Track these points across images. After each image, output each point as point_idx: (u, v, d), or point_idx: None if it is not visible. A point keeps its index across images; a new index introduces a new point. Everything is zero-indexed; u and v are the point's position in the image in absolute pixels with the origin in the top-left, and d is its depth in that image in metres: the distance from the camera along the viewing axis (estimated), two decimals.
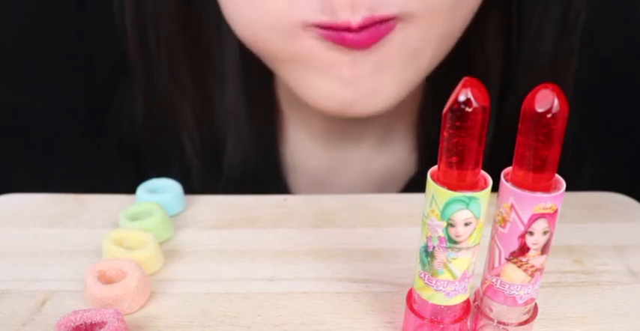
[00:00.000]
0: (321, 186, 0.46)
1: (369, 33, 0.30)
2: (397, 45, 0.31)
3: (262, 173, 0.45)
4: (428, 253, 0.22)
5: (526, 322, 0.24)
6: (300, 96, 0.35)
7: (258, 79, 0.42)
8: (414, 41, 0.32)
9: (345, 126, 0.43)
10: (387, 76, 0.33)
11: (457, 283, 0.22)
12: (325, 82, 0.33)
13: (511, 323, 0.23)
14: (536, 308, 0.24)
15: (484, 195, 0.21)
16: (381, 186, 0.46)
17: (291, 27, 0.31)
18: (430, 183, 0.21)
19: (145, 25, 0.39)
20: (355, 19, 0.29)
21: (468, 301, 0.24)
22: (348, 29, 0.30)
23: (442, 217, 0.21)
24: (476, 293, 0.25)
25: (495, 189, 0.21)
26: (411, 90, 0.35)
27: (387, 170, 0.46)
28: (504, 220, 0.21)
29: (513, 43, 0.39)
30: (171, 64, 0.41)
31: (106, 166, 0.48)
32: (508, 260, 0.22)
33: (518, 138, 0.20)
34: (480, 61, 0.40)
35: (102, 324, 0.25)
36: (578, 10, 0.37)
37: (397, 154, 0.46)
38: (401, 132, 0.45)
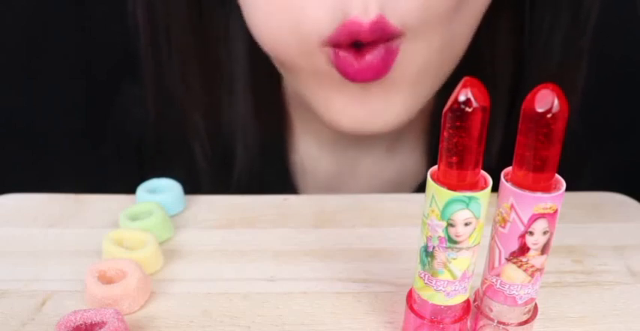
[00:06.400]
0: (331, 192, 0.46)
1: (375, 61, 0.30)
2: (404, 66, 0.31)
3: (271, 179, 0.45)
4: (428, 253, 0.22)
5: (526, 322, 0.24)
6: (315, 112, 0.36)
7: (266, 87, 0.42)
8: (418, 57, 0.32)
9: None
10: (395, 98, 0.33)
11: (457, 283, 0.22)
12: (338, 98, 0.33)
13: (511, 323, 0.23)
14: (536, 308, 0.24)
15: (484, 195, 0.21)
16: (391, 192, 0.46)
17: (310, 43, 0.31)
18: (430, 183, 0.21)
19: (157, 31, 0.39)
20: (368, 17, 0.29)
21: (468, 301, 0.24)
22: (358, 32, 0.29)
23: (442, 217, 0.21)
24: (476, 293, 0.25)
25: (495, 189, 0.21)
26: (422, 107, 0.35)
27: (397, 176, 0.46)
28: (504, 220, 0.21)
29: (524, 45, 0.39)
30: (182, 71, 0.41)
31: (106, 166, 0.48)
32: (508, 260, 0.22)
33: (518, 138, 0.20)
34: (490, 64, 0.40)
35: (102, 324, 0.25)
36: (588, 11, 0.37)
37: (407, 160, 0.46)
38: (411, 139, 0.45)
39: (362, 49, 0.30)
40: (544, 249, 0.22)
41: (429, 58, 0.32)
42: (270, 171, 0.45)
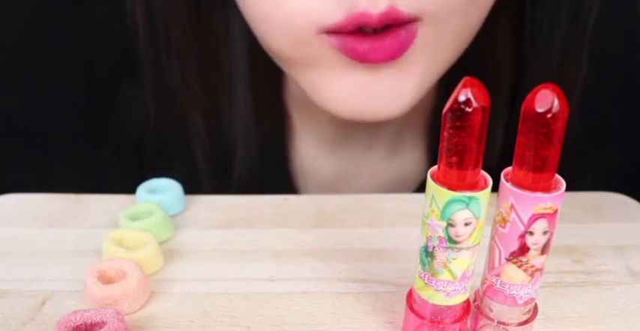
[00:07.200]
0: (331, 192, 0.46)
1: (390, 43, 0.29)
2: (418, 50, 0.30)
3: (271, 179, 0.45)
4: (428, 253, 0.22)
5: (526, 322, 0.24)
6: (313, 100, 0.34)
7: (267, 87, 0.42)
8: (433, 42, 0.31)
9: (356, 133, 0.43)
10: (407, 83, 0.32)
11: (457, 283, 0.22)
12: (338, 88, 0.32)
13: (511, 323, 0.23)
14: (536, 308, 0.24)
15: (484, 195, 0.21)
16: (391, 192, 0.46)
17: (304, 32, 0.30)
18: (430, 183, 0.21)
19: (157, 31, 0.39)
20: (377, 8, 0.28)
21: (468, 301, 0.24)
22: (367, 23, 0.28)
23: (442, 217, 0.21)
24: (476, 293, 0.25)
25: (495, 189, 0.21)
26: (423, 96, 0.34)
27: (398, 177, 0.46)
28: (504, 220, 0.21)
29: (524, 45, 0.39)
30: (182, 71, 0.41)
31: (106, 166, 0.48)
32: (508, 260, 0.22)
33: (519, 138, 0.20)
34: (490, 64, 0.40)
35: (102, 324, 0.25)
36: (588, 10, 0.37)
37: (408, 161, 0.46)
38: (412, 139, 0.45)
39: (376, 33, 0.29)
40: (544, 249, 0.22)
41: (443, 45, 0.31)
42: (270, 171, 0.45)
